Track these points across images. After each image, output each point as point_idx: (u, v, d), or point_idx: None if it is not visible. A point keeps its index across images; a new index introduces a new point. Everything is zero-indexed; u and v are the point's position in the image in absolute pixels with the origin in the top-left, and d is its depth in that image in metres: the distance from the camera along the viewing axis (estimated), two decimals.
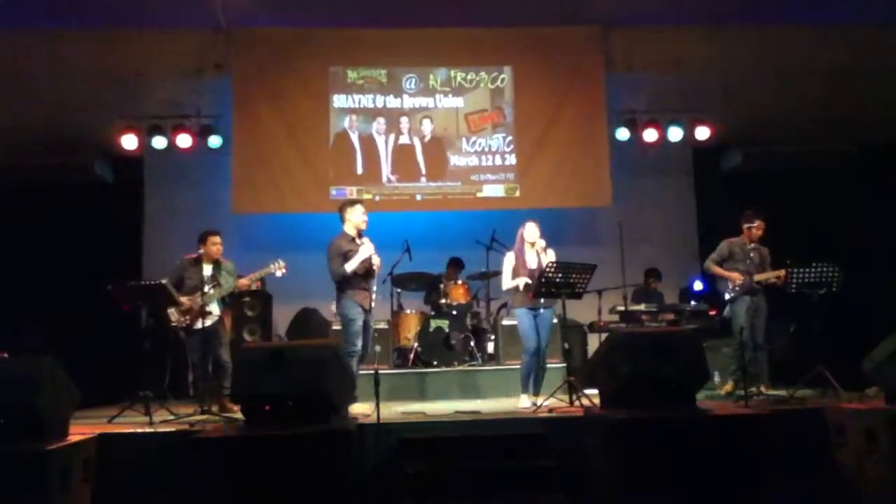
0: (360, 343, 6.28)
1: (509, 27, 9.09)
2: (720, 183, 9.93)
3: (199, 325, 6.35)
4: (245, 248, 8.20)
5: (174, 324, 6.50)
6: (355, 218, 6.43)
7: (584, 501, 5.01)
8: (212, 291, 6.45)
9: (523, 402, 6.33)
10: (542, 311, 6.44)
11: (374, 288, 6.60)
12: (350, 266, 6.25)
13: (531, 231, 6.51)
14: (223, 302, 6.71)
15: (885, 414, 4.81)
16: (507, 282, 6.55)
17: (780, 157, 9.65)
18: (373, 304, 6.45)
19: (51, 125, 8.82)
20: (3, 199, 9.07)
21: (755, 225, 7.00)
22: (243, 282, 6.70)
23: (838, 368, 6.11)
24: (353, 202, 6.59)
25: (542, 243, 6.48)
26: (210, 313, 6.43)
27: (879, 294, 8.47)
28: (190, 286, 6.55)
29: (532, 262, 6.47)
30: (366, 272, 6.35)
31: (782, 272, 6.60)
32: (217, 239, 6.69)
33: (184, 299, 6.45)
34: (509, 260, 6.57)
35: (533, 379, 6.44)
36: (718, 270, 7.04)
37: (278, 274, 6.72)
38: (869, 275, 8.30)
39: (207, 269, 6.57)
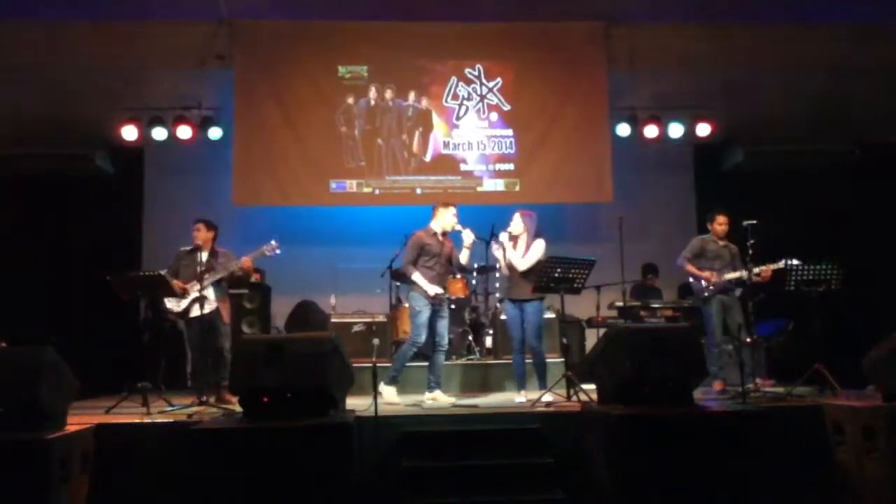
0: (424, 336, 6.41)
1: (512, 22, 9.08)
2: (721, 181, 9.91)
3: (195, 312, 6.36)
4: (245, 241, 8.15)
5: (170, 310, 6.52)
6: (445, 219, 6.58)
7: (582, 497, 5.02)
8: (207, 276, 6.46)
9: (518, 399, 6.35)
10: (527, 304, 6.41)
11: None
12: (416, 276, 6.44)
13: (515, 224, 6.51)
14: (219, 285, 6.69)
15: (884, 412, 4.81)
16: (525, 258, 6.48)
17: (781, 155, 9.64)
18: (447, 296, 6.70)
19: (51, 116, 8.81)
20: (2, 189, 9.06)
21: (717, 221, 7.01)
22: (245, 259, 6.68)
23: (837, 366, 6.11)
24: (446, 203, 6.73)
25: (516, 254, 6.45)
26: (206, 298, 6.42)
27: (879, 292, 8.48)
28: (186, 274, 6.59)
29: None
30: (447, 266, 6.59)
31: (767, 269, 6.57)
32: (199, 226, 6.70)
33: (177, 282, 6.47)
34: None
35: (537, 374, 6.44)
36: (692, 269, 7.00)
37: (268, 253, 6.71)
38: (868, 273, 8.31)
39: (203, 257, 6.60)
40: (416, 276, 6.42)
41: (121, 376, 6.69)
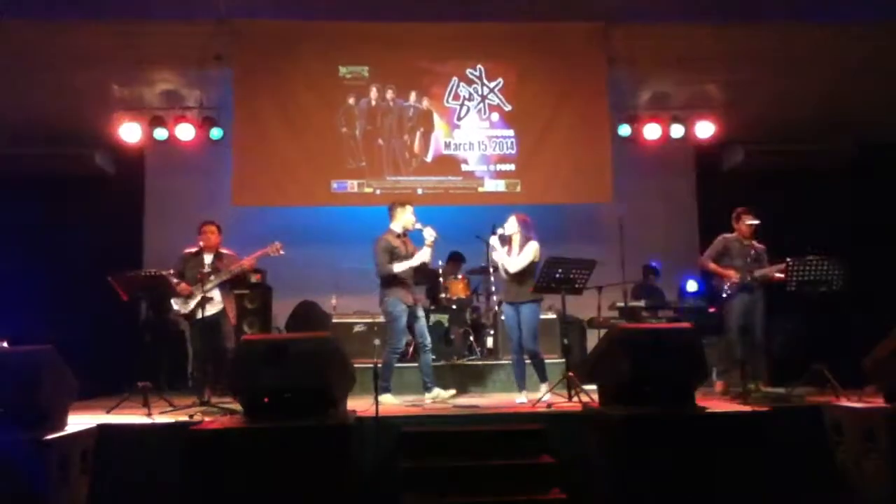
0: (404, 341, 6.42)
1: (512, 23, 9.07)
2: (722, 180, 9.91)
3: (199, 314, 6.37)
4: (245, 241, 8.17)
5: (177, 312, 6.53)
6: (405, 218, 6.61)
7: (582, 497, 5.01)
8: (212, 278, 6.48)
9: (518, 399, 6.36)
10: (522, 305, 6.40)
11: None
12: (398, 267, 6.40)
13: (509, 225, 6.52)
14: (225, 287, 6.70)
15: (884, 413, 4.82)
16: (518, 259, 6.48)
17: (782, 155, 9.64)
18: (416, 297, 6.62)
19: (52, 116, 8.81)
20: (2, 189, 9.06)
21: (745, 220, 7.01)
22: (247, 260, 6.70)
23: (837, 367, 6.10)
24: (403, 203, 6.75)
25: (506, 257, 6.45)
26: (211, 299, 6.44)
27: (879, 292, 8.47)
28: (191, 277, 6.59)
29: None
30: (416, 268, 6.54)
31: (783, 267, 6.58)
32: (212, 228, 6.74)
33: (184, 286, 6.48)
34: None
35: (536, 371, 6.43)
36: (714, 267, 6.98)
37: (272, 254, 6.72)
38: (869, 273, 8.30)
39: (208, 259, 6.62)
40: (398, 267, 6.40)
41: (122, 376, 6.70)
